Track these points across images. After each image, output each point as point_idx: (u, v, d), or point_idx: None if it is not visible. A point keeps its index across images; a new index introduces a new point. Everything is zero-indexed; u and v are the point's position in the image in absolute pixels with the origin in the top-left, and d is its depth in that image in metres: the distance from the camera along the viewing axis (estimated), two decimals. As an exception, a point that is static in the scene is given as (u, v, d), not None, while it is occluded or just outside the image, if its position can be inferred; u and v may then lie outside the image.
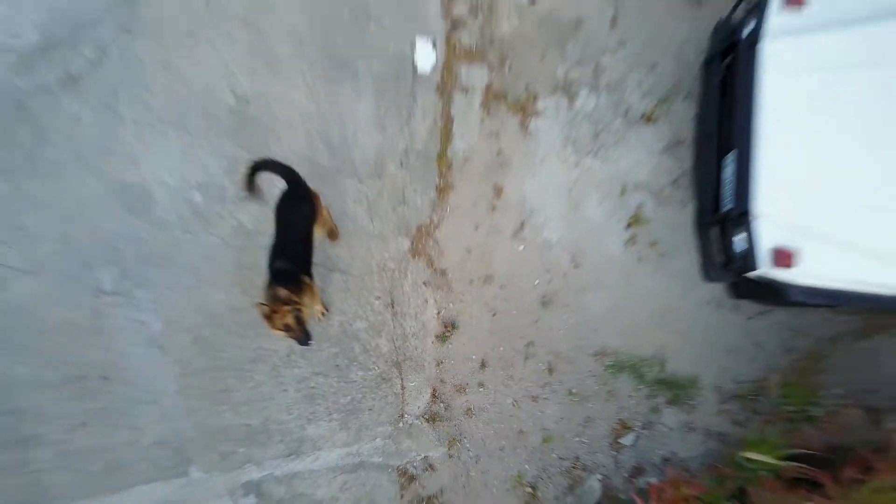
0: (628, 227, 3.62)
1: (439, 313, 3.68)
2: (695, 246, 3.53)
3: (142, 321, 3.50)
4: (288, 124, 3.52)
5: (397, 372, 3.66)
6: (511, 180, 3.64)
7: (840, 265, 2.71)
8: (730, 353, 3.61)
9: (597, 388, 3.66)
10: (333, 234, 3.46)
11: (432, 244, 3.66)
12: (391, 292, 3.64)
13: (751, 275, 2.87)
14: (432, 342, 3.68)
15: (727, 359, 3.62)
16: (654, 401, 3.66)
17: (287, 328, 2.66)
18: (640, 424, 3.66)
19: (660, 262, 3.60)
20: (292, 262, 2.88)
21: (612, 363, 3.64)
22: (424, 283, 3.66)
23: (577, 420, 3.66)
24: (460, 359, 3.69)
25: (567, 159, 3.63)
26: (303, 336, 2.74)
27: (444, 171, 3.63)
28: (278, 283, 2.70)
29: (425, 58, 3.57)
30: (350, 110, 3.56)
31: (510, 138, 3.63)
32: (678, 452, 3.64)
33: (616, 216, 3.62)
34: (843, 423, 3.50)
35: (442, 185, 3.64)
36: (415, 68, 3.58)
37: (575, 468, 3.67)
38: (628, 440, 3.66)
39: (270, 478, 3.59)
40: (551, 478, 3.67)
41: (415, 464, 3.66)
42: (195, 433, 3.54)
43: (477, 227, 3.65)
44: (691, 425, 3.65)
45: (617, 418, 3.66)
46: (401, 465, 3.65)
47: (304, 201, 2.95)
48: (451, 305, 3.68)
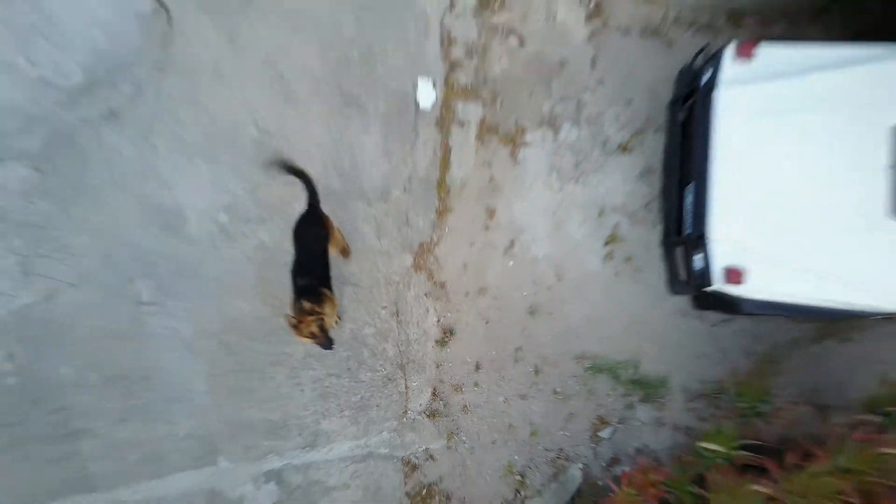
0: (606, 244, 3.90)
1: (439, 321, 3.96)
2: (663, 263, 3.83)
3: (175, 328, 3.78)
4: (305, 153, 3.76)
5: (402, 373, 3.95)
6: (502, 203, 3.92)
7: (782, 282, 3.05)
8: (696, 357, 3.91)
9: (578, 387, 3.94)
10: (346, 252, 3.73)
11: (433, 260, 3.93)
12: (396, 302, 3.91)
13: (708, 289, 3.19)
14: (433, 347, 3.96)
15: (694, 362, 3.91)
16: (628, 399, 3.95)
17: (313, 336, 2.94)
18: (616, 420, 3.96)
19: (634, 276, 3.90)
20: (312, 277, 3.15)
21: (592, 366, 3.93)
22: (426, 295, 3.94)
23: (561, 416, 3.95)
24: (458, 361, 3.98)
25: (552, 185, 3.91)
26: (326, 342, 3.00)
27: (443, 195, 3.90)
28: (302, 297, 2.99)
29: (426, 96, 3.83)
30: (359, 141, 3.82)
31: (501, 166, 3.91)
32: (650, 444, 3.95)
33: (595, 235, 3.91)
34: (794, 418, 3.80)
35: (441, 208, 3.91)
36: (417, 105, 3.84)
37: (559, 458, 3.97)
38: (606, 433, 3.95)
39: (289, 467, 3.87)
40: (538, 467, 3.97)
41: (417, 455, 3.95)
42: (223, 427, 3.82)
43: (472, 244, 3.93)
44: (661, 421, 3.96)
45: (596, 414, 3.96)
46: (405, 456, 3.94)
47: (317, 224, 3.23)
48: (450, 314, 3.95)
